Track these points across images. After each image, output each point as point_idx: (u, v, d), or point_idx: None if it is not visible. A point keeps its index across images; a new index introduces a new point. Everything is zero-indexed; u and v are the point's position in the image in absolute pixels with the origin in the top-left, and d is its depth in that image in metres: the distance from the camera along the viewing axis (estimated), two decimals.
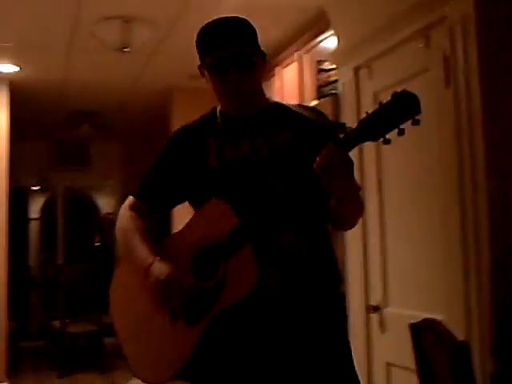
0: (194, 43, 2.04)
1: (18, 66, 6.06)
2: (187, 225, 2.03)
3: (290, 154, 1.94)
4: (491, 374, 2.41)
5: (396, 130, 1.62)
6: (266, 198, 1.84)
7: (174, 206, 2.20)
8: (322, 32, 4.48)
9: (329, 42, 4.33)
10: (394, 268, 3.27)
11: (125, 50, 4.99)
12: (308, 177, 1.77)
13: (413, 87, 3.00)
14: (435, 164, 2.87)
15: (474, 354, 2.25)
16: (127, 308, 2.12)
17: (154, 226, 2.17)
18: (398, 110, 1.60)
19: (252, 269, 1.80)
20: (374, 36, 3.34)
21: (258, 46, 2.02)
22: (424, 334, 2.09)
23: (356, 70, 3.55)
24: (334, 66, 4.07)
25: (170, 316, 1.95)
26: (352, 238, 3.54)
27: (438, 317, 2.43)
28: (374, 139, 1.66)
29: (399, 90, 1.60)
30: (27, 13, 4.69)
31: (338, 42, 3.78)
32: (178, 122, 6.65)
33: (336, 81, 3.99)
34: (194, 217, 2.02)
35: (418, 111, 1.59)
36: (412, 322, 2.20)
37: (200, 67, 2.05)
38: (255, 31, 2.01)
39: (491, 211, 2.57)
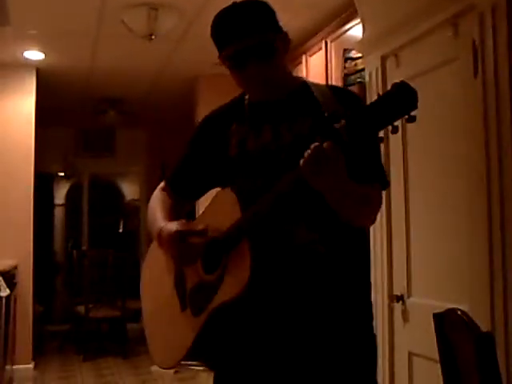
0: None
1: (44, 53, 6.11)
2: (200, 215, 2.02)
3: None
4: None
5: (390, 128, 1.52)
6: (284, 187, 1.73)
7: (201, 194, 2.17)
8: (349, 20, 4.46)
9: (356, 30, 4.30)
10: (418, 258, 3.26)
11: (151, 37, 5.01)
12: None
13: (440, 77, 3.01)
14: (462, 154, 2.85)
15: (499, 346, 2.24)
16: (151, 290, 2.17)
17: (185, 212, 2.18)
18: (397, 103, 1.49)
19: (245, 264, 1.73)
20: (401, 25, 3.31)
21: (277, 28, 1.89)
22: (447, 324, 2.08)
23: (383, 59, 3.53)
24: (360, 55, 4.05)
25: (180, 304, 1.97)
26: (376, 227, 3.53)
27: (462, 307, 2.42)
28: (367, 134, 1.54)
29: (399, 81, 1.50)
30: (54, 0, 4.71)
31: (365, 30, 3.76)
32: (203, 110, 6.67)
33: (363, 69, 3.98)
34: (206, 207, 1.99)
35: (415, 106, 1.49)
36: (435, 311, 2.19)
37: (220, 58, 1.93)
38: (272, 12, 1.89)
39: None
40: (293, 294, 1.81)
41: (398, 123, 1.53)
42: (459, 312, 1.99)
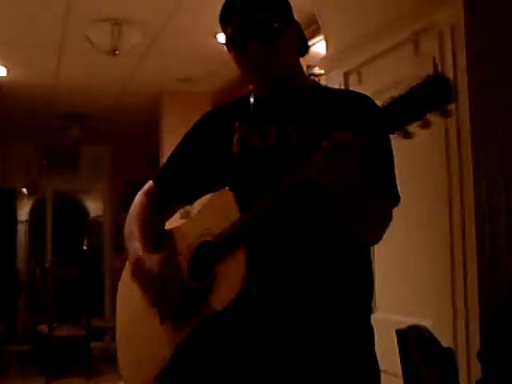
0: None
1: (6, 67, 6.04)
2: (194, 215, 1.82)
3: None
4: (477, 380, 2.41)
5: (402, 133, 1.39)
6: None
7: (194, 197, 1.95)
8: (313, 37, 4.48)
9: (319, 46, 4.33)
10: (382, 273, 3.27)
11: (115, 52, 4.99)
12: None
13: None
14: (423, 169, 2.87)
15: (460, 360, 2.25)
16: (128, 301, 1.97)
17: (171, 215, 1.98)
18: (428, 97, 1.35)
19: (239, 272, 1.58)
20: (363, 42, 3.35)
21: (285, 14, 1.77)
22: (410, 340, 2.09)
23: (346, 76, 3.56)
24: (323, 71, 4.08)
25: (159, 316, 1.76)
26: None
27: (425, 323, 2.43)
28: (392, 130, 1.41)
29: (431, 74, 1.36)
30: (16, 14, 4.67)
31: (328, 47, 3.79)
32: (167, 126, 6.65)
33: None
34: (201, 208, 1.79)
35: (448, 99, 1.35)
36: (399, 328, 2.19)
37: (226, 46, 1.81)
38: (283, 1, 1.78)
39: (478, 220, 2.58)
40: (289, 311, 1.64)
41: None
42: (421, 328, 2.00)
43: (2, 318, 7.73)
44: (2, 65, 5.98)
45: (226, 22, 1.76)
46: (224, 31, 1.78)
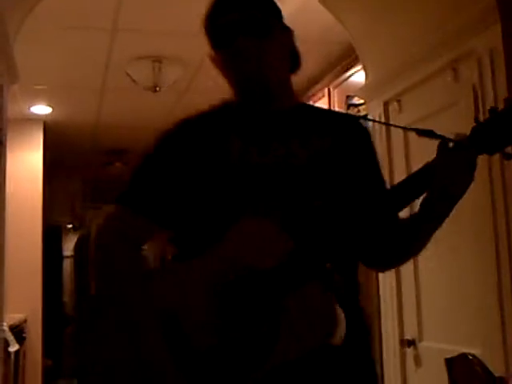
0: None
1: (50, 106, 6.19)
2: (213, 249, 1.43)
3: (333, 166, 1.55)
4: None
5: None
6: (313, 224, 1.42)
7: (173, 221, 1.59)
8: (352, 67, 4.52)
9: (358, 76, 4.36)
10: (429, 301, 3.24)
11: (156, 89, 5.08)
12: (356, 199, 1.46)
13: (442, 121, 3.03)
14: (472, 198, 2.85)
15: None
16: None
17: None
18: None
19: (327, 313, 1.34)
20: (402, 70, 3.36)
21: (277, 16, 1.63)
22: (459, 369, 2.06)
23: (385, 105, 3.56)
24: (363, 101, 4.10)
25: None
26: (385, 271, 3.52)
27: (474, 351, 2.39)
28: (491, 151, 1.40)
29: None
30: (59, 54, 4.80)
31: (367, 76, 3.80)
32: None
33: (366, 115, 4.01)
34: (225, 239, 1.42)
35: None
36: (447, 356, 2.17)
37: (212, 58, 1.65)
38: (272, 3, 1.64)
39: None
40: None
41: None
42: (471, 357, 1.97)
43: (50, 353, 7.79)
44: (47, 104, 6.13)
45: (213, 20, 1.59)
46: (210, 32, 1.61)
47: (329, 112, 1.77)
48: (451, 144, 1.42)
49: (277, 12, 1.64)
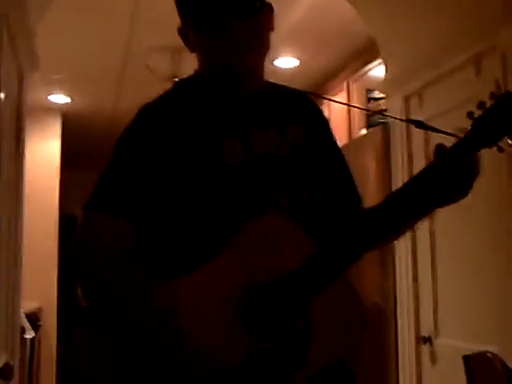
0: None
1: (69, 96, 6.21)
2: (222, 256, 1.31)
3: (308, 155, 1.52)
4: None
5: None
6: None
7: (155, 217, 1.47)
8: (371, 60, 4.48)
9: (378, 70, 4.32)
10: (445, 298, 3.22)
11: (175, 79, 5.07)
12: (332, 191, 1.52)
13: (463, 116, 3.00)
14: (487, 193, 2.83)
15: None
16: None
17: None
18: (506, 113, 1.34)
19: (358, 318, 1.29)
20: (423, 65, 3.33)
21: None
22: (478, 367, 2.05)
23: (406, 99, 3.54)
24: (383, 95, 4.07)
25: None
26: (402, 267, 3.50)
27: (491, 348, 2.38)
28: (491, 144, 1.41)
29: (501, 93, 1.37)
30: (79, 44, 4.81)
31: (387, 70, 3.77)
32: None
33: (386, 110, 3.99)
34: (228, 245, 1.31)
35: None
36: (465, 353, 2.15)
37: (182, 29, 1.58)
38: None
39: None
40: None
41: None
42: (490, 355, 1.96)
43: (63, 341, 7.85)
44: (65, 94, 6.14)
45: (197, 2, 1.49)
46: (192, 14, 1.51)
47: (289, 92, 1.64)
48: (450, 145, 1.40)
49: None
